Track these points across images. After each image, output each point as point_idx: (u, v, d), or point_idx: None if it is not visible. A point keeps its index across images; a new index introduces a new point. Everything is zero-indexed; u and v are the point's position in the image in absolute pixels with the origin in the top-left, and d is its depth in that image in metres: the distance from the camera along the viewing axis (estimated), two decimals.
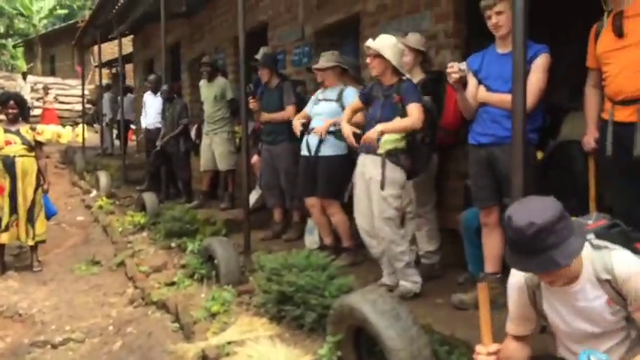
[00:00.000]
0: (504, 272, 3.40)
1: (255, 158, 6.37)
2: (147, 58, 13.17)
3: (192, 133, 8.17)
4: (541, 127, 3.40)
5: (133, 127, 14.07)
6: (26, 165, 5.97)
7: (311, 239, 5.37)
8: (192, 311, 4.08)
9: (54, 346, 4.10)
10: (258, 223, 6.00)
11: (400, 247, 3.78)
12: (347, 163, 4.49)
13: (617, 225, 2.18)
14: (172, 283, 4.89)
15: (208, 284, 4.65)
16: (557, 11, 5.05)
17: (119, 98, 11.64)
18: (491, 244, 3.51)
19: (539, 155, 3.54)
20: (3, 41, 28.66)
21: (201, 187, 7.75)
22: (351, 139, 3.94)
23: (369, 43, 3.81)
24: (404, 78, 3.79)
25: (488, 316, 2.00)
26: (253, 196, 6.35)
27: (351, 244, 4.80)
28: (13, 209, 5.90)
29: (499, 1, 3.23)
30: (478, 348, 2.04)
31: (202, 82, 7.44)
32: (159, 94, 8.51)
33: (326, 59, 4.88)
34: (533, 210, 1.87)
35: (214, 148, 7.32)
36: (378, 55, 3.74)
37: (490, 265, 3.53)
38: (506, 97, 2.85)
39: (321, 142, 4.71)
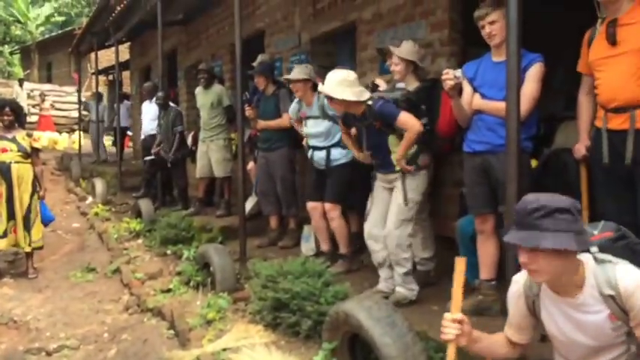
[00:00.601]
0: (500, 280, 3.42)
1: (250, 165, 6.39)
2: (144, 65, 13.18)
3: (189, 140, 8.18)
4: (535, 135, 3.42)
5: (129, 133, 14.07)
6: (22, 171, 5.96)
7: (307, 246, 5.37)
8: (187, 318, 4.08)
9: (48, 353, 4.07)
10: (254, 230, 6.01)
11: (405, 253, 3.84)
12: (354, 168, 4.63)
13: (624, 237, 2.13)
14: (168, 290, 4.89)
15: (204, 291, 4.65)
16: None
17: (115, 105, 11.65)
18: (487, 252, 3.52)
19: (534, 163, 3.56)
20: None
21: (197, 194, 7.75)
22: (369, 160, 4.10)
23: (320, 89, 3.96)
24: (369, 102, 3.84)
25: (460, 289, 2.03)
26: (249, 203, 6.35)
27: (348, 250, 4.81)
28: (11, 216, 5.90)
29: (492, 10, 3.26)
30: (445, 315, 2.06)
31: (199, 89, 7.45)
32: (154, 100, 8.53)
33: (298, 71, 4.99)
34: (549, 195, 1.91)
35: (210, 155, 7.33)
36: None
37: (485, 272, 3.54)
38: (501, 105, 2.87)
39: (328, 156, 4.81)
